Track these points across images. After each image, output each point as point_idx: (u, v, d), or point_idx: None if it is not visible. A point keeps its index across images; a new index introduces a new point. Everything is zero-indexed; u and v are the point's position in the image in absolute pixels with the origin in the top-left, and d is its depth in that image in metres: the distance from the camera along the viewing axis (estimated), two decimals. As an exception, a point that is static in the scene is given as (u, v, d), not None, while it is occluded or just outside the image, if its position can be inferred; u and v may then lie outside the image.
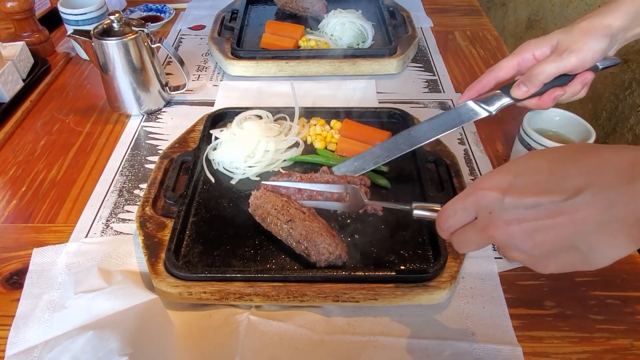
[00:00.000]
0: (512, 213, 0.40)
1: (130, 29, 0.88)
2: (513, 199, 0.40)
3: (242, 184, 0.77)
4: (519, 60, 0.66)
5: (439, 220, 0.48)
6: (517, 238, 0.40)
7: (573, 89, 0.64)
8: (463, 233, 0.45)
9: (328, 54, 1.04)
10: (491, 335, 0.58)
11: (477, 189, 0.43)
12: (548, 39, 0.64)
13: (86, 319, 0.53)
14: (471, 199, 0.44)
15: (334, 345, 0.57)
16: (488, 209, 0.42)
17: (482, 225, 0.43)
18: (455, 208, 0.45)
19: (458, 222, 0.45)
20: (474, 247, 0.46)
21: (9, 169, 0.84)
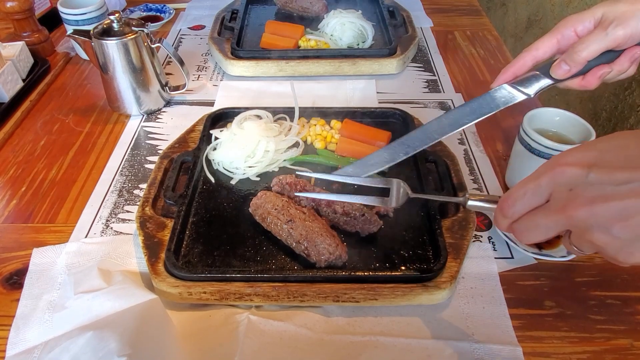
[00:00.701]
0: (598, 189, 0.36)
1: (130, 29, 0.88)
2: (600, 174, 0.36)
3: (242, 184, 0.77)
4: (558, 38, 0.60)
5: (502, 206, 0.43)
6: (602, 217, 0.36)
7: (620, 66, 0.59)
8: (531, 217, 0.41)
9: (328, 54, 1.04)
10: (491, 335, 0.58)
11: (556, 165, 0.39)
12: (591, 12, 0.58)
13: (86, 319, 0.53)
14: (547, 176, 0.39)
15: (334, 345, 0.57)
16: (568, 186, 0.38)
17: (559, 205, 0.38)
18: (525, 188, 0.41)
19: (527, 205, 0.41)
20: (542, 233, 0.41)
21: (8, 168, 0.84)
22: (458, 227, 0.67)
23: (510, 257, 0.67)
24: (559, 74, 0.59)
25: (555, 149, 0.66)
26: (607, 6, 0.57)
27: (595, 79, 0.59)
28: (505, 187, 0.78)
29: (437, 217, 0.67)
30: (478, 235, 0.70)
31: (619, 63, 0.58)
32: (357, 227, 0.67)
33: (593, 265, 0.66)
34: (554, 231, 0.40)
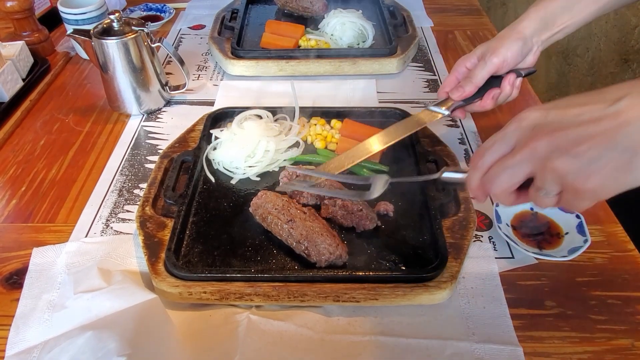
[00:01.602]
0: (557, 123, 0.41)
1: (130, 29, 0.87)
2: (557, 112, 0.42)
3: (242, 184, 0.77)
4: (456, 75, 0.77)
5: (474, 159, 0.47)
6: (562, 143, 0.40)
7: (504, 89, 0.74)
8: (499, 163, 0.45)
9: (328, 54, 1.04)
10: (492, 335, 0.57)
11: (519, 115, 0.44)
12: (474, 52, 0.75)
13: (86, 318, 0.53)
14: (512, 124, 0.44)
15: (335, 344, 0.57)
16: (531, 126, 0.43)
17: (524, 142, 0.42)
18: (494, 139, 0.45)
19: (495, 154, 0.45)
20: (510, 176, 0.44)
21: (8, 168, 0.83)
22: (458, 227, 0.67)
23: (511, 257, 0.67)
24: (456, 96, 0.75)
25: None
26: (483, 46, 0.74)
27: (489, 99, 0.74)
28: (506, 187, 0.78)
29: (437, 217, 0.67)
30: (479, 235, 0.70)
31: (503, 87, 0.74)
32: (353, 222, 0.67)
33: (594, 266, 0.65)
34: (520, 172, 0.44)
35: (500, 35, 0.73)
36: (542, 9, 0.72)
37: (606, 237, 0.69)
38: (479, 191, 0.49)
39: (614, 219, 0.72)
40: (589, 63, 1.71)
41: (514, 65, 0.74)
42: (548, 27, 0.72)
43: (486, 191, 0.48)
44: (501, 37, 0.73)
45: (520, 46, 0.72)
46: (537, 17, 0.72)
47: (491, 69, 0.72)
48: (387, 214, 0.70)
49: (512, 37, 0.71)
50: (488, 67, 0.72)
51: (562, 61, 1.84)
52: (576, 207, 0.43)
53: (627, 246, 0.68)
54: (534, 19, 0.72)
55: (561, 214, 0.69)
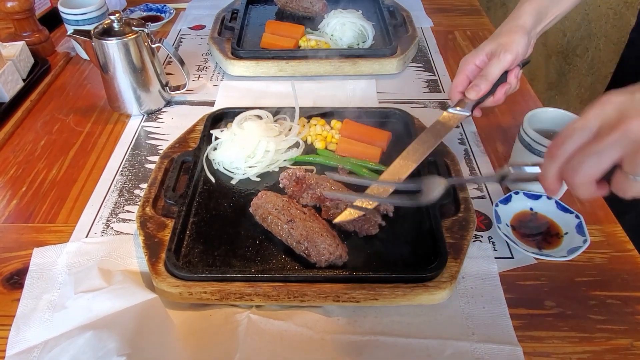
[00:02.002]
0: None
1: (130, 29, 0.88)
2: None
3: (243, 184, 0.77)
4: (466, 74, 0.76)
5: (552, 148, 0.44)
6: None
7: (512, 82, 0.76)
8: (583, 150, 0.42)
9: (328, 54, 1.04)
10: (491, 335, 0.58)
11: (601, 100, 0.41)
12: (482, 49, 0.75)
13: (86, 318, 0.53)
14: (594, 110, 0.42)
15: (335, 344, 0.57)
16: (617, 110, 0.41)
17: (612, 126, 0.40)
18: (574, 127, 0.43)
19: (577, 142, 0.42)
20: (596, 164, 0.41)
21: (9, 168, 0.84)
22: (458, 227, 0.67)
23: (511, 257, 0.67)
24: (472, 95, 0.74)
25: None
26: (491, 42, 0.74)
27: (502, 94, 0.75)
28: (505, 187, 0.78)
29: (437, 217, 0.67)
30: (478, 235, 0.70)
31: (510, 80, 0.76)
32: (356, 227, 0.67)
33: (593, 266, 0.66)
34: (608, 157, 0.41)
35: (506, 30, 0.74)
36: (535, 3, 0.74)
37: (605, 237, 0.69)
38: (556, 183, 0.45)
39: (613, 219, 0.72)
40: (588, 63, 1.71)
41: (522, 59, 0.75)
42: (542, 20, 0.75)
43: (564, 182, 0.45)
44: (507, 33, 0.73)
45: (527, 42, 0.73)
46: (533, 11, 0.74)
47: (505, 66, 0.73)
48: (387, 214, 0.70)
49: (519, 33, 0.72)
50: (502, 63, 0.72)
51: (561, 61, 1.84)
52: None
53: (627, 246, 0.68)
54: (530, 14, 0.74)
55: (561, 214, 0.69)
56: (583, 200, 0.66)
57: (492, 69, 0.73)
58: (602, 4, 1.61)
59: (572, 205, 0.70)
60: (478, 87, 0.73)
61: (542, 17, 0.75)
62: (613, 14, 1.57)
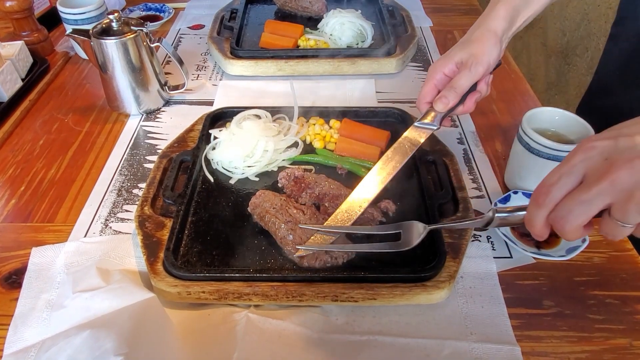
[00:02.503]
0: (631, 151, 0.39)
1: (129, 29, 0.87)
2: (628, 139, 0.40)
3: (241, 184, 0.77)
4: (434, 83, 0.73)
5: (537, 196, 0.44)
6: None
7: (482, 90, 0.73)
8: (570, 197, 0.42)
9: (327, 54, 1.04)
10: (490, 335, 0.57)
11: (584, 144, 0.42)
12: (451, 57, 0.71)
13: (84, 317, 0.53)
14: (579, 155, 0.42)
15: (333, 344, 0.57)
16: (602, 157, 0.41)
17: (599, 175, 0.40)
18: (559, 173, 0.42)
19: (563, 189, 0.42)
20: (585, 211, 0.41)
21: (7, 168, 0.84)
22: (457, 226, 0.67)
23: (509, 256, 0.67)
24: (440, 107, 0.71)
25: (554, 148, 0.66)
26: (461, 51, 0.71)
27: (472, 103, 0.73)
28: (504, 187, 0.78)
29: (436, 217, 0.67)
30: (477, 235, 0.70)
31: (480, 88, 0.73)
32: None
33: (592, 265, 0.66)
34: (597, 206, 0.41)
35: (477, 38, 0.71)
36: (508, 6, 0.71)
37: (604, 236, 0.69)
38: (544, 230, 0.45)
39: (612, 218, 0.72)
40: (588, 63, 1.71)
41: (492, 69, 0.73)
42: (514, 23, 0.72)
43: (555, 224, 0.45)
44: (479, 40, 0.70)
45: (499, 50, 0.71)
46: (506, 15, 0.71)
47: (476, 78, 0.70)
48: (387, 212, 0.70)
49: (491, 41, 0.70)
50: (474, 76, 0.70)
51: (561, 61, 1.84)
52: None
53: (625, 246, 0.68)
54: (504, 17, 0.71)
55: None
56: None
57: (462, 81, 0.70)
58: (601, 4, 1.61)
59: (571, 204, 0.70)
60: (446, 99, 0.70)
61: (515, 19, 0.72)
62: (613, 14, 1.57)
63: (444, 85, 0.72)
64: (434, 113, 0.72)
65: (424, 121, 0.73)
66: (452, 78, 0.71)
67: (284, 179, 0.74)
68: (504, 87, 1.01)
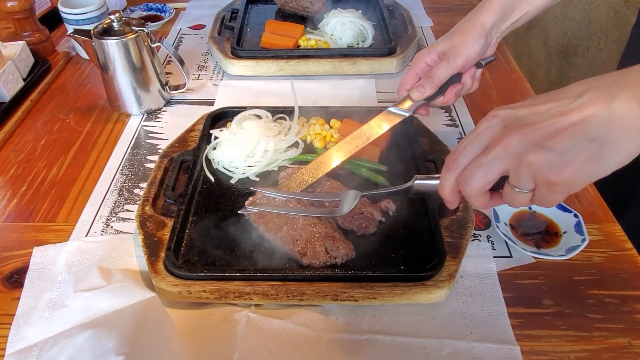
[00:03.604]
0: (527, 119, 0.42)
1: (130, 29, 0.88)
2: (526, 109, 0.43)
3: (242, 184, 0.77)
4: (416, 71, 0.74)
5: (447, 162, 0.47)
6: (534, 137, 0.41)
7: (466, 83, 0.73)
8: (474, 162, 0.45)
9: (328, 54, 1.04)
10: (489, 334, 0.58)
11: (489, 115, 0.45)
12: (434, 48, 0.72)
13: (85, 317, 0.53)
14: (483, 124, 0.45)
15: (333, 343, 0.57)
16: (501, 124, 0.44)
17: (496, 140, 0.43)
18: (466, 141, 0.46)
19: (469, 154, 0.45)
20: (485, 174, 0.44)
21: (9, 168, 0.84)
22: (457, 226, 0.67)
23: (509, 256, 0.67)
24: (416, 95, 0.73)
25: None
26: (445, 41, 0.71)
27: (452, 95, 0.73)
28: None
29: (436, 216, 0.67)
30: (477, 235, 0.70)
31: (464, 81, 0.73)
32: (354, 225, 0.67)
33: (592, 265, 0.66)
34: (494, 170, 0.44)
35: (462, 30, 0.70)
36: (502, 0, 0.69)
37: (604, 236, 0.69)
38: (452, 195, 0.48)
39: (612, 218, 0.72)
40: (589, 62, 1.71)
41: (476, 61, 0.72)
42: (508, 17, 0.70)
43: (460, 194, 0.48)
44: (463, 32, 0.70)
45: (483, 43, 0.70)
46: (497, 8, 0.69)
47: (454, 70, 0.70)
48: (387, 211, 0.70)
49: (475, 34, 0.69)
50: (451, 68, 0.70)
51: (562, 60, 1.84)
52: (549, 202, 0.44)
53: (625, 245, 0.68)
54: (494, 11, 0.69)
55: (560, 213, 0.70)
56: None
57: (440, 72, 0.70)
58: (602, 4, 1.61)
59: (571, 204, 0.70)
60: (422, 89, 0.71)
61: (509, 14, 0.70)
62: (614, 13, 1.57)
63: (425, 74, 0.73)
64: (410, 101, 0.74)
65: (398, 107, 0.75)
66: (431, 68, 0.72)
67: (284, 178, 0.74)
68: (505, 86, 1.01)
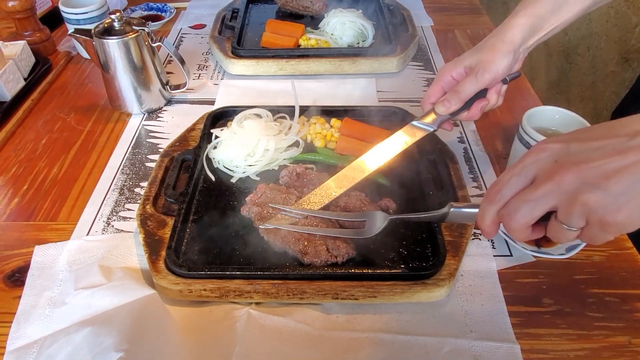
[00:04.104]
0: (581, 155, 0.40)
1: (131, 28, 0.88)
2: (579, 144, 0.41)
3: (242, 183, 0.77)
4: (442, 85, 0.73)
5: (490, 193, 0.45)
6: (589, 176, 0.39)
7: (491, 99, 0.73)
8: (519, 196, 0.43)
9: (328, 53, 1.04)
10: (490, 333, 0.58)
11: (537, 146, 0.43)
12: (461, 62, 0.71)
13: (85, 314, 0.53)
14: (531, 157, 0.43)
15: (333, 341, 0.57)
16: (552, 159, 0.42)
17: (547, 176, 0.41)
18: (511, 173, 0.44)
19: (513, 188, 0.43)
20: (530, 210, 0.42)
21: (10, 167, 0.84)
22: (457, 225, 0.67)
23: (509, 255, 0.67)
24: (441, 110, 0.71)
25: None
26: (472, 56, 0.70)
27: (477, 111, 0.72)
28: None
29: (436, 215, 0.67)
30: (477, 233, 0.70)
31: (489, 96, 0.72)
32: (354, 224, 0.67)
33: (591, 263, 0.66)
34: (542, 206, 0.42)
35: (490, 45, 0.69)
36: (530, 15, 0.68)
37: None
38: (492, 227, 0.46)
39: (612, 217, 0.72)
40: (589, 62, 1.71)
41: (503, 78, 0.71)
42: (536, 33, 0.69)
43: (498, 225, 0.46)
44: (491, 48, 0.68)
45: (511, 59, 0.68)
46: (526, 24, 0.68)
47: (482, 86, 0.69)
48: (387, 210, 0.70)
49: (504, 50, 0.68)
50: (479, 83, 0.69)
51: (562, 60, 1.84)
52: (599, 240, 0.42)
53: (625, 244, 0.68)
54: (522, 27, 0.68)
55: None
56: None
57: (467, 87, 0.69)
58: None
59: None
60: (449, 103, 0.70)
61: (537, 30, 0.69)
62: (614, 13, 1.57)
63: (450, 88, 0.72)
64: (434, 115, 0.72)
65: (423, 121, 0.73)
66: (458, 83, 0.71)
67: (286, 176, 0.74)
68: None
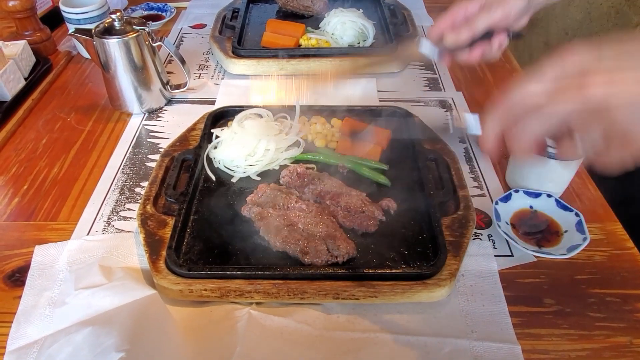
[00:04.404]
0: (613, 66, 0.34)
1: (131, 28, 0.88)
2: (612, 49, 0.35)
3: (243, 183, 0.77)
4: (453, 18, 0.71)
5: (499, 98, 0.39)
6: (625, 84, 0.33)
7: (493, 45, 0.70)
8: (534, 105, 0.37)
9: (329, 53, 1.04)
10: (490, 333, 0.58)
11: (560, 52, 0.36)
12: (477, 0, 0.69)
13: (85, 314, 0.53)
14: (553, 64, 0.36)
15: (334, 341, 0.57)
16: (579, 68, 0.35)
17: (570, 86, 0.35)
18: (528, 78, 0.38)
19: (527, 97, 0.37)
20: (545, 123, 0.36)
21: (11, 167, 0.84)
22: (458, 225, 0.67)
23: (510, 255, 0.67)
24: (450, 39, 0.69)
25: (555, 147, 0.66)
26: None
27: (478, 53, 0.70)
28: (506, 186, 0.78)
29: (437, 215, 0.67)
30: (478, 233, 0.70)
31: (492, 43, 0.69)
32: (355, 224, 0.67)
33: (593, 263, 0.66)
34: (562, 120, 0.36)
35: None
36: None
37: (605, 235, 0.69)
38: (495, 141, 0.41)
39: (613, 217, 0.72)
40: (590, 62, 1.70)
41: (511, 23, 0.69)
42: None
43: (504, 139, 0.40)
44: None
45: (525, 4, 0.67)
46: None
47: (494, 21, 0.67)
48: (388, 210, 0.70)
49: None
50: (492, 17, 0.67)
51: (563, 60, 1.83)
52: (613, 162, 0.36)
53: (626, 244, 0.68)
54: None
55: (560, 212, 0.70)
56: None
57: (480, 20, 0.67)
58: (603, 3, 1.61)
59: (572, 203, 0.70)
60: (459, 33, 0.68)
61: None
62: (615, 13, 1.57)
63: (458, 24, 0.70)
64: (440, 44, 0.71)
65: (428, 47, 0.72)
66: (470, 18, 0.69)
67: (286, 176, 0.74)
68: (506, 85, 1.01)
